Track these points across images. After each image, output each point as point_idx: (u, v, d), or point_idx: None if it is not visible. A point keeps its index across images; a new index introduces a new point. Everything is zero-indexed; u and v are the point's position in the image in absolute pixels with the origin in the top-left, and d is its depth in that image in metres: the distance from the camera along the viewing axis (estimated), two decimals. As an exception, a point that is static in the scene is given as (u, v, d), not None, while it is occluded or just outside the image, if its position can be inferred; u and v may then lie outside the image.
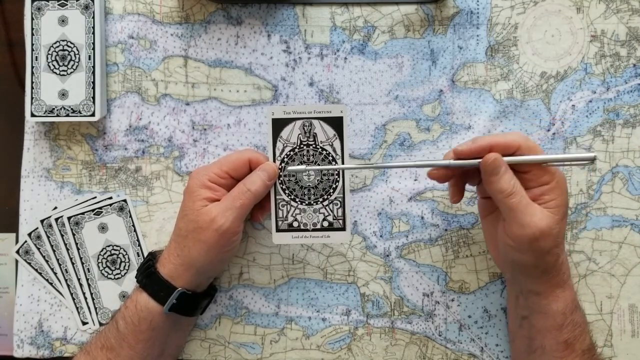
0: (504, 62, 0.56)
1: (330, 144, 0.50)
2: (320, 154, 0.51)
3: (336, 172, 0.51)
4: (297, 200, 0.51)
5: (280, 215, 0.51)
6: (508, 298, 0.53)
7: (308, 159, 0.51)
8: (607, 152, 0.55)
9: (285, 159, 0.51)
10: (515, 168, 0.45)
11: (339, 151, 0.50)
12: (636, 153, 0.55)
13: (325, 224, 0.51)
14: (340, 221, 0.51)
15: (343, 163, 0.51)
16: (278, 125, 0.51)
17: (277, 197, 0.51)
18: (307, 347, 0.56)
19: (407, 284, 0.56)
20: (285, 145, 0.51)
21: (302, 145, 0.51)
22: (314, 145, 0.51)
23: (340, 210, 0.51)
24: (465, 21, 0.56)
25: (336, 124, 0.50)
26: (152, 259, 0.52)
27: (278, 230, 0.52)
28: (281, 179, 0.51)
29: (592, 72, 0.56)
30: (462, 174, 0.50)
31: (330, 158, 0.51)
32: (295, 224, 0.51)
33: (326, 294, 0.56)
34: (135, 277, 0.52)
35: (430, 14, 0.56)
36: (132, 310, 0.50)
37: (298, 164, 0.51)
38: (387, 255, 0.56)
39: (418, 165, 0.50)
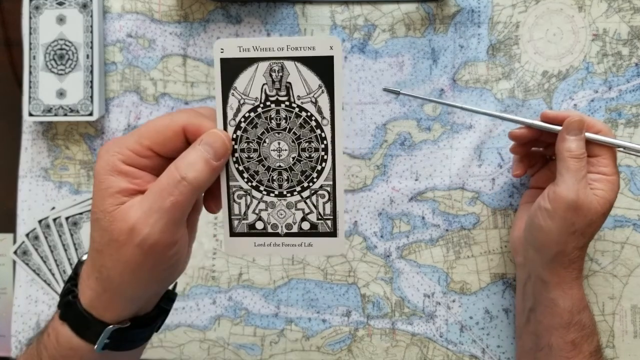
0: (505, 61, 0.56)
1: (314, 99, 0.33)
2: (298, 116, 0.34)
3: (322, 149, 0.34)
4: (261, 189, 0.35)
5: (237, 211, 0.35)
6: (517, 289, 0.53)
7: (278, 124, 0.34)
8: (609, 152, 0.55)
9: (243, 124, 0.34)
10: (588, 151, 0.47)
11: (326, 112, 0.33)
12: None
13: (306, 225, 0.35)
14: (329, 222, 0.35)
15: (334, 130, 0.34)
16: (230, 69, 0.33)
17: (231, 183, 0.35)
18: (307, 349, 0.56)
19: (407, 284, 0.56)
20: (242, 101, 0.34)
21: (268, 102, 0.34)
22: (287, 103, 0.34)
23: (328, 206, 0.35)
24: (466, 20, 0.55)
25: (323, 67, 0.33)
26: (79, 273, 0.37)
27: (233, 234, 0.35)
28: (236, 156, 0.34)
29: (594, 71, 0.55)
30: (531, 154, 0.51)
31: (314, 123, 0.34)
32: (260, 225, 0.35)
33: (326, 294, 0.56)
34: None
35: (431, 12, 0.56)
36: (53, 344, 0.36)
37: (261, 133, 0.34)
38: (388, 256, 0.56)
39: (503, 117, 0.48)
